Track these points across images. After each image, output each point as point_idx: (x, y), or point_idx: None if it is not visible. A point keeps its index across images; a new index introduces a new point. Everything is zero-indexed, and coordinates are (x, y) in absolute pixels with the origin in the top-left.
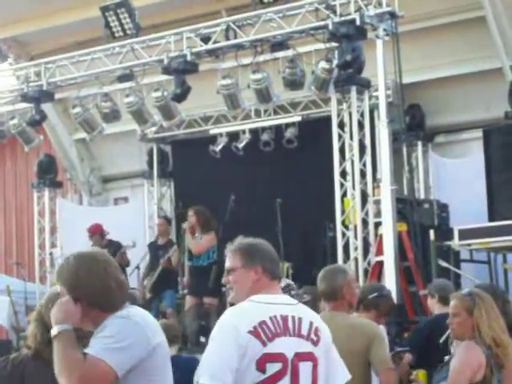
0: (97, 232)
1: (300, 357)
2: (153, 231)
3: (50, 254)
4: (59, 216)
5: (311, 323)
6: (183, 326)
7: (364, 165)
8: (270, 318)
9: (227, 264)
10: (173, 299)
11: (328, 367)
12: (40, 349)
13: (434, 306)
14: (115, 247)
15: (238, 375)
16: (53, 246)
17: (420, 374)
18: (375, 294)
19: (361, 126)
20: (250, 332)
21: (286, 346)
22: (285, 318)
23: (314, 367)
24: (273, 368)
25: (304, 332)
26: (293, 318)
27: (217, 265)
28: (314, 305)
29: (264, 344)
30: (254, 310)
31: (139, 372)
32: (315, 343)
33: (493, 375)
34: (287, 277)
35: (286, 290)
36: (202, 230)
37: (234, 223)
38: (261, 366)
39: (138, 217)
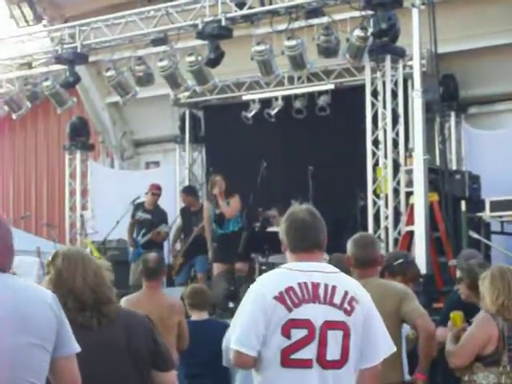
0: (161, 191)
1: (330, 325)
2: None
3: (81, 216)
4: (90, 179)
5: (346, 292)
6: (212, 291)
7: (397, 134)
8: (299, 284)
9: None
10: (204, 264)
11: (367, 338)
12: None
13: None
14: (160, 217)
15: (265, 340)
16: (83, 208)
17: (456, 316)
18: (401, 261)
19: (394, 95)
20: (275, 298)
21: (314, 312)
22: (316, 286)
23: (346, 336)
24: (298, 334)
25: (337, 301)
26: (326, 285)
27: (245, 230)
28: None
29: (289, 310)
30: (284, 276)
31: None
32: (348, 313)
33: (505, 347)
34: None
35: None
36: (227, 195)
37: (265, 190)
38: (286, 331)
39: (169, 181)
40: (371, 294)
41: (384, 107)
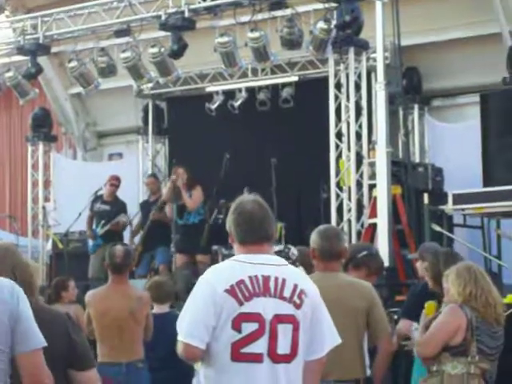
0: (120, 182)
1: (280, 318)
2: (146, 188)
3: (43, 207)
4: (53, 170)
5: (295, 285)
6: (175, 283)
7: (360, 126)
8: (250, 278)
9: None
10: (166, 256)
11: (313, 330)
12: None
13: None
14: (119, 208)
15: (215, 334)
16: (46, 200)
17: (430, 305)
18: (365, 253)
19: (358, 87)
20: (226, 291)
21: (264, 306)
22: (266, 279)
23: (295, 330)
24: (248, 328)
25: (286, 294)
26: (276, 278)
27: (208, 222)
28: (301, 263)
29: (240, 303)
30: (235, 268)
31: None
32: (298, 306)
33: (473, 338)
34: (280, 237)
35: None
36: (189, 187)
37: (228, 182)
38: (236, 325)
39: (132, 173)
40: (337, 290)
41: (347, 100)
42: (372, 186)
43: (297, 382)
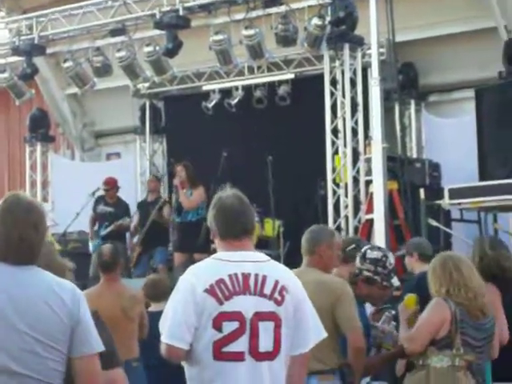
0: (114, 185)
1: (260, 316)
2: (144, 187)
3: None
4: (51, 170)
5: (276, 282)
6: (174, 282)
7: (356, 123)
8: (230, 276)
9: None
10: (164, 256)
11: (297, 326)
12: None
13: (414, 265)
14: (123, 209)
15: (197, 334)
16: (44, 200)
17: (410, 299)
18: (353, 246)
19: (353, 83)
20: (206, 290)
21: (245, 304)
22: (246, 276)
23: (277, 327)
24: (229, 327)
25: (267, 291)
26: (256, 275)
27: (206, 221)
28: None
29: (220, 302)
30: (214, 267)
31: None
32: (279, 303)
33: (457, 331)
34: (278, 235)
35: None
36: (191, 185)
37: (225, 180)
38: (217, 324)
39: (130, 173)
40: (305, 286)
41: (343, 96)
42: (369, 182)
43: (281, 379)
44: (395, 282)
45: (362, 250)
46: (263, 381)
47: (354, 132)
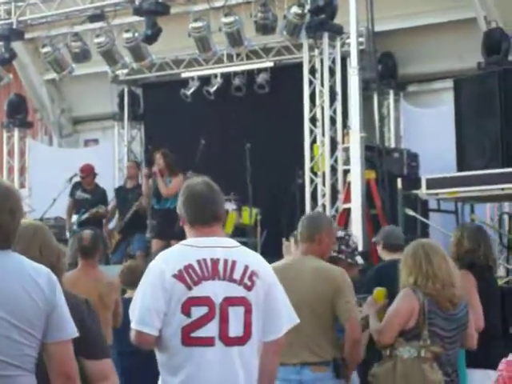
0: (90, 172)
1: (230, 301)
2: (122, 174)
3: None
4: (29, 156)
5: (246, 267)
6: None
7: (334, 112)
8: (198, 262)
9: None
10: (142, 243)
11: (269, 311)
12: None
13: (381, 253)
14: (100, 196)
15: (166, 319)
16: (21, 186)
17: (379, 292)
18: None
19: (332, 72)
20: (174, 276)
21: (214, 289)
22: (215, 262)
23: (247, 312)
24: (198, 312)
25: (236, 276)
26: (225, 261)
27: None
28: None
29: (189, 288)
30: (183, 253)
31: None
32: (249, 288)
33: (425, 322)
34: (255, 223)
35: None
36: (170, 173)
37: (203, 167)
38: (186, 309)
39: (108, 159)
40: (304, 273)
41: (322, 85)
42: (346, 172)
43: (252, 364)
44: (359, 259)
45: None
46: (234, 366)
47: (333, 121)
